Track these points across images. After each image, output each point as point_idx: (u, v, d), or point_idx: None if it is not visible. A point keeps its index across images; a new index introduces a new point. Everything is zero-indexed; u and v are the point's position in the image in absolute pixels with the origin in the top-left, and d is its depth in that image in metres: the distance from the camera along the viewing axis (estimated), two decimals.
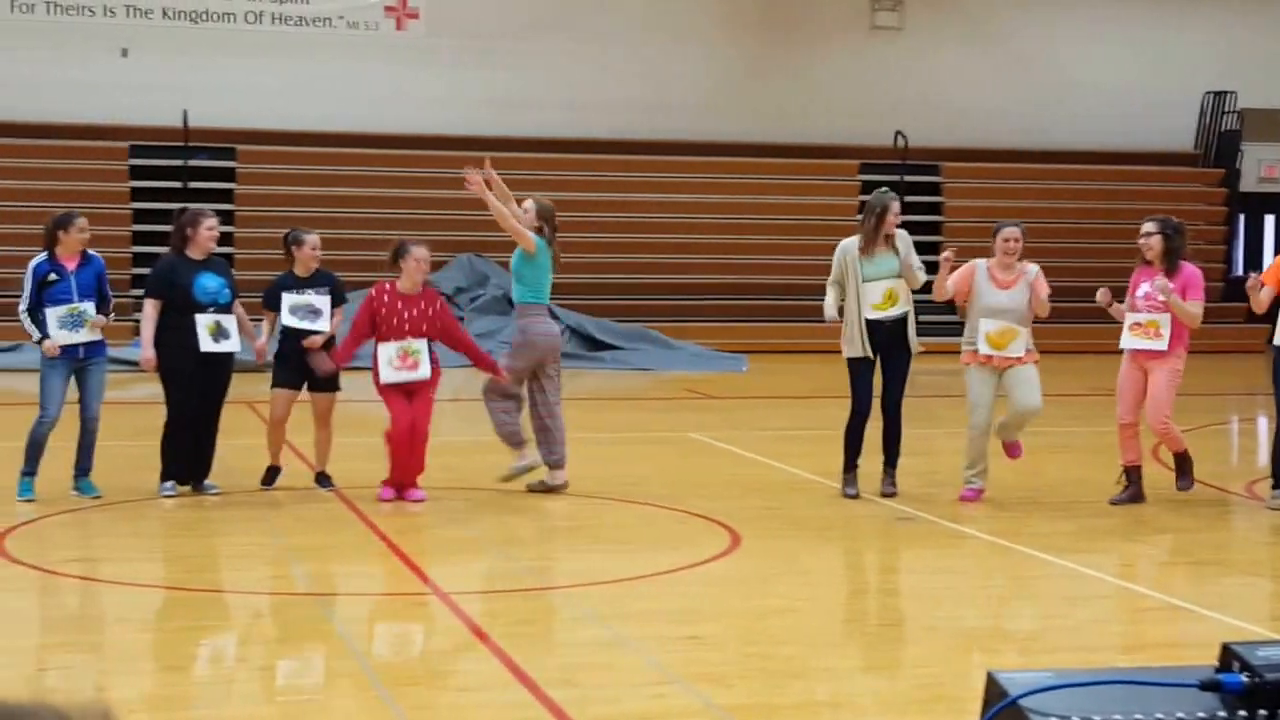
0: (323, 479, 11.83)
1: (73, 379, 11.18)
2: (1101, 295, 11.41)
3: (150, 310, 11.32)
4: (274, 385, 11.71)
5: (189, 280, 11.24)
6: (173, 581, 9.15)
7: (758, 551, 9.82)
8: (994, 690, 2.63)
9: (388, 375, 11.32)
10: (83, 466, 11.32)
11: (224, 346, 11.26)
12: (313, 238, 11.82)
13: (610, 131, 27.71)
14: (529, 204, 12.18)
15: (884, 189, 11.94)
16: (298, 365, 11.57)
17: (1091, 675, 2.60)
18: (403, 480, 11.44)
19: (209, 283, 11.27)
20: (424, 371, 11.36)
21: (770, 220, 27.84)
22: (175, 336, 11.18)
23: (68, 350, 11.07)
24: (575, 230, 26.93)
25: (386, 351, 11.33)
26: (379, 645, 7.88)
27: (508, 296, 24.80)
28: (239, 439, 12.39)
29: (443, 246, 24.05)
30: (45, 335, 11.01)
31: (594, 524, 10.82)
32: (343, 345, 11.59)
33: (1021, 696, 2.53)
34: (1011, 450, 11.87)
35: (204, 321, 11.20)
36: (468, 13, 27.64)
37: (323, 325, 11.60)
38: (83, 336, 11.06)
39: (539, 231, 11.90)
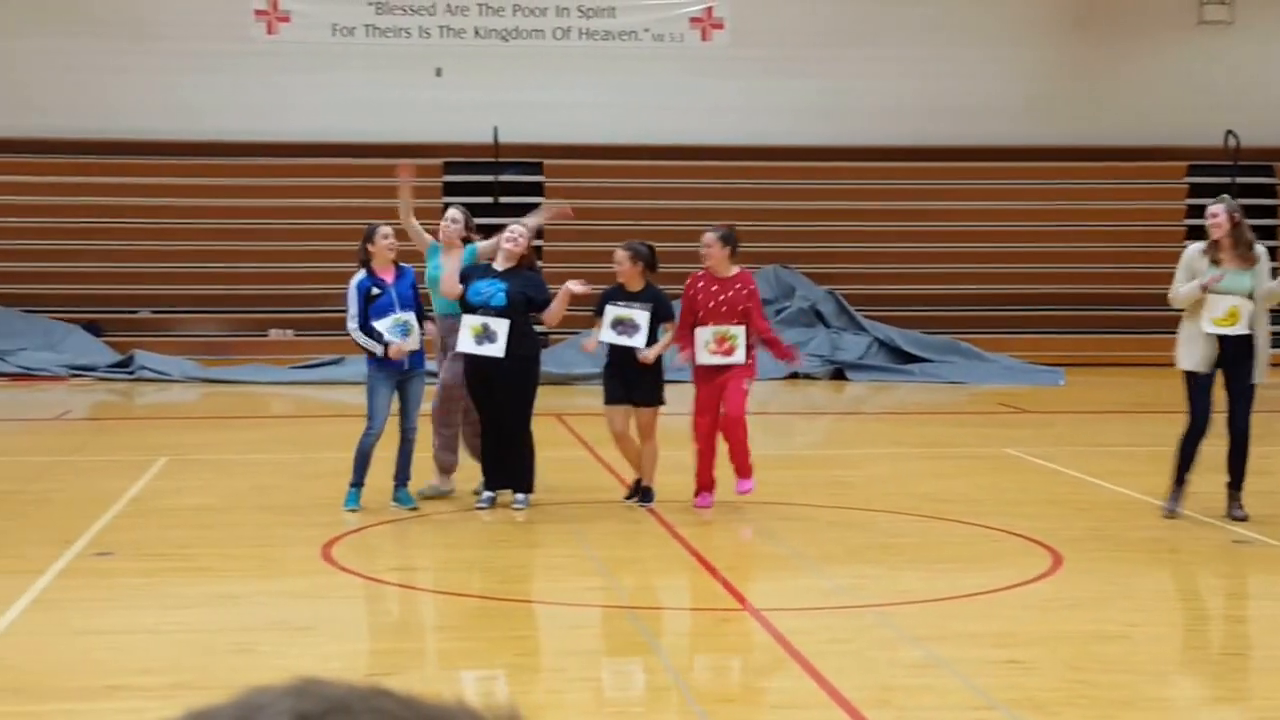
0: (645, 493, 11.79)
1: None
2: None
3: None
4: (605, 401, 11.65)
5: (470, 280, 11.32)
6: (488, 591, 9.24)
7: (1082, 573, 9.46)
8: None
9: (703, 358, 11.29)
10: (401, 477, 11.51)
11: (486, 350, 11.16)
12: (617, 253, 11.68)
13: (918, 138, 27.29)
14: (455, 213, 11.94)
15: (1223, 194, 11.41)
16: (623, 378, 11.50)
17: None
18: (706, 485, 11.42)
19: (485, 286, 11.24)
20: (739, 357, 11.25)
21: (1089, 227, 27.01)
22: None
23: (393, 362, 11.28)
24: (881, 239, 26.65)
25: (703, 335, 11.29)
26: (692, 660, 7.81)
27: (815, 308, 24.71)
28: (550, 451, 12.47)
29: (748, 258, 23.91)
30: (385, 344, 11.21)
31: (908, 542, 10.57)
32: (683, 347, 11.53)
33: None
34: None
35: (469, 322, 11.19)
36: (773, 21, 27.54)
37: (637, 341, 11.47)
38: (411, 344, 11.24)
39: (468, 240, 11.77)
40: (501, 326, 11.18)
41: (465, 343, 11.18)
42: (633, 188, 26.80)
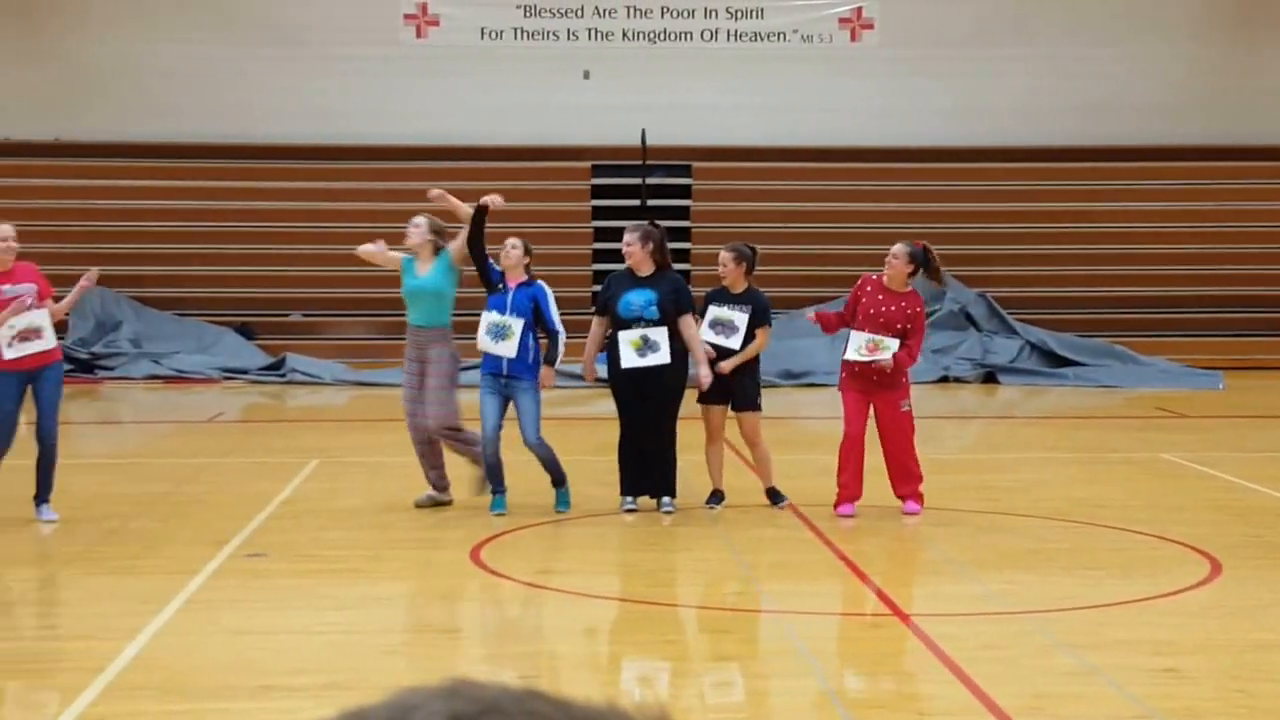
0: (773, 495, 11.74)
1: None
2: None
3: (592, 325, 11.57)
4: (699, 400, 11.60)
5: (617, 295, 11.32)
6: (636, 595, 9.22)
7: (1242, 581, 9.24)
8: None
9: (851, 355, 11.24)
10: (554, 480, 11.54)
11: (650, 361, 11.15)
12: (722, 254, 11.65)
13: (1072, 138, 26.91)
14: (421, 220, 11.76)
15: None
16: (722, 381, 11.42)
17: None
18: (852, 495, 11.31)
19: (634, 298, 11.24)
20: (884, 357, 11.15)
21: (1249, 227, 26.43)
22: (609, 351, 11.34)
23: (492, 368, 11.28)
24: (1034, 241, 26.28)
25: (858, 338, 11.21)
26: (841, 666, 7.74)
27: (965, 311, 24.42)
28: (697, 455, 12.41)
29: None
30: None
31: (1062, 548, 10.40)
32: (830, 316, 11.53)
33: None
34: None
35: (626, 338, 11.20)
36: (923, 21, 27.30)
37: (734, 343, 11.43)
38: (502, 350, 11.24)
39: (439, 247, 11.64)
40: (661, 334, 11.19)
41: (629, 358, 11.18)
42: (780, 190, 26.71)
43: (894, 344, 11.16)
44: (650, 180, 26.70)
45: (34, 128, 26.50)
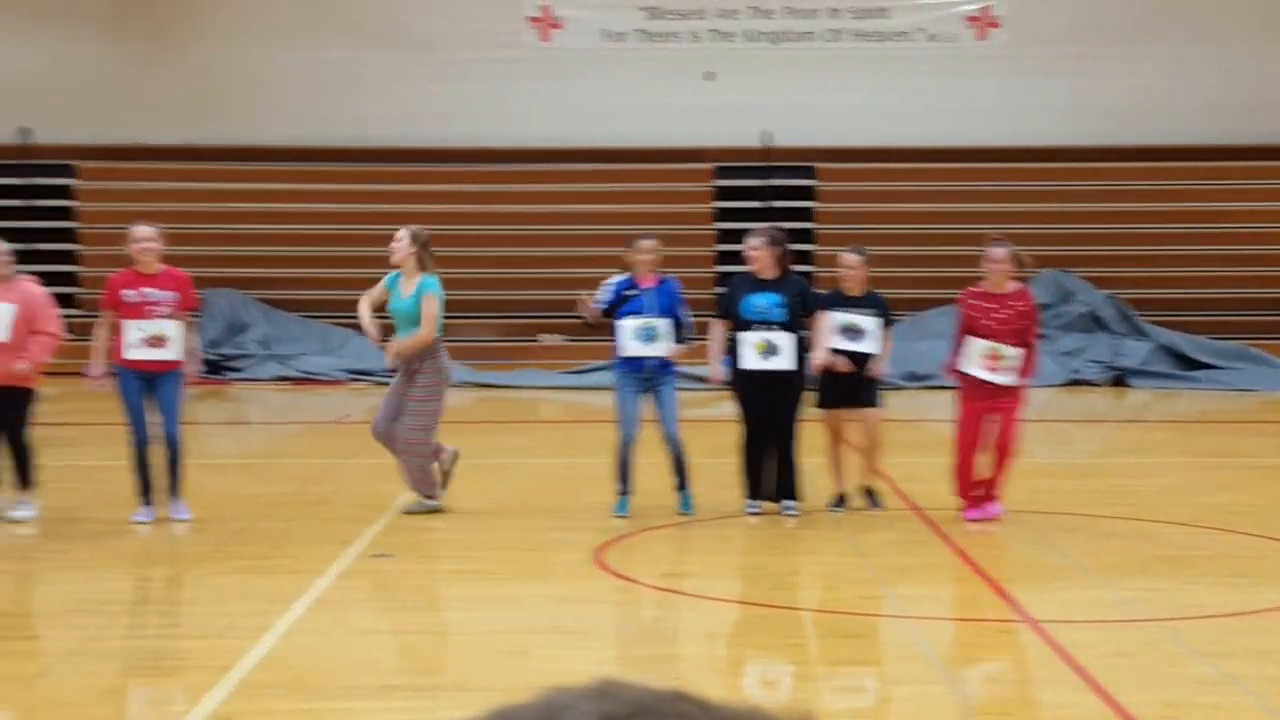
0: (873, 496, 11.68)
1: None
2: None
3: (714, 328, 11.56)
4: (820, 404, 11.55)
5: (739, 297, 11.28)
6: (760, 598, 9.16)
7: None
8: None
9: (969, 366, 11.07)
10: (679, 481, 11.50)
11: (772, 364, 11.12)
12: (849, 257, 11.59)
13: (1203, 136, 26.40)
14: (403, 233, 11.48)
15: None
16: (837, 383, 11.35)
17: None
18: (971, 493, 11.15)
19: (759, 301, 11.19)
20: (1007, 378, 10.97)
21: None
22: (731, 354, 11.31)
23: (633, 366, 11.31)
24: (1165, 242, 25.84)
25: (977, 345, 11.03)
26: (968, 672, 7.63)
27: (1094, 314, 24.07)
28: (819, 457, 12.34)
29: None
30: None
31: (1197, 554, 10.20)
32: (951, 357, 11.34)
33: None
34: None
35: (749, 339, 11.17)
36: (1050, 19, 26.93)
37: (867, 346, 11.35)
38: (654, 350, 11.27)
39: (423, 261, 11.37)
40: (784, 339, 11.14)
41: (750, 359, 11.15)
42: (906, 190, 26.49)
43: (1014, 353, 10.95)
44: (773, 182, 26.58)
45: (164, 132, 26.90)
